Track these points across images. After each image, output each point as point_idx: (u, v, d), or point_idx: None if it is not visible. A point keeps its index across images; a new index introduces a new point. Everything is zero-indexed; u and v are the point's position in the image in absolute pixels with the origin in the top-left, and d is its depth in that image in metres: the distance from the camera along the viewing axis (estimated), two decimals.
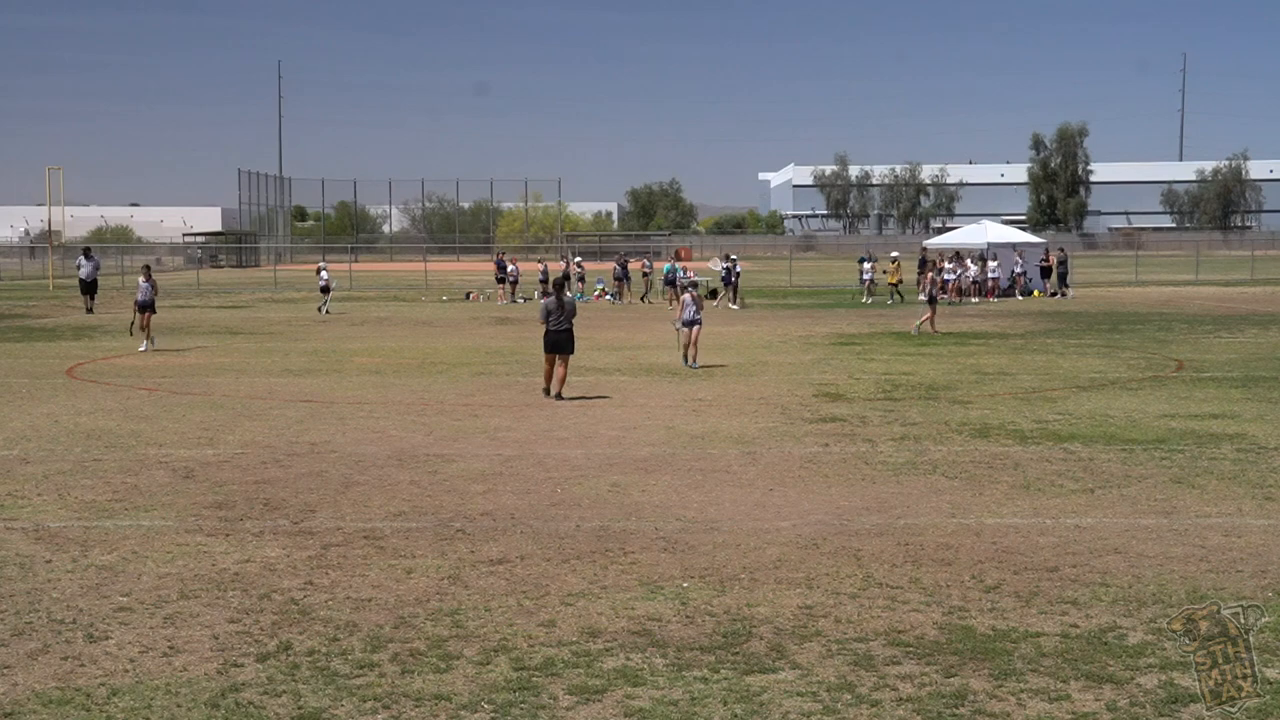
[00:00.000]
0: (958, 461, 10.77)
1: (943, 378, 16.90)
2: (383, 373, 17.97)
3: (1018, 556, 7.71)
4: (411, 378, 17.34)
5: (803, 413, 13.70)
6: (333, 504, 9.28)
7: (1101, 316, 29.39)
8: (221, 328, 27.53)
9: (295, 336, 24.92)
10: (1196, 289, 41.63)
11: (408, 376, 17.49)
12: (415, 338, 24.57)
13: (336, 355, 20.68)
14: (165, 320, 29.89)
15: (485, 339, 24.17)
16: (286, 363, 19.44)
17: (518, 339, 23.83)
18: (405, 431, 12.58)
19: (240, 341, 23.82)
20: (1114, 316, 29.33)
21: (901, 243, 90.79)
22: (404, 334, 25.62)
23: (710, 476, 10.22)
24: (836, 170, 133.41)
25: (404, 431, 12.58)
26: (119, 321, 29.05)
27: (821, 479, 10.10)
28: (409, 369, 18.46)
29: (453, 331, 26.32)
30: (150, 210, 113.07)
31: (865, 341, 22.89)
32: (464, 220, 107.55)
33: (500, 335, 25.18)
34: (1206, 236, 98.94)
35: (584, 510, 9.03)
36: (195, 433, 12.52)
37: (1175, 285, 44.02)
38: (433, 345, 22.62)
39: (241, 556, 7.81)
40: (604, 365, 18.62)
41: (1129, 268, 53.54)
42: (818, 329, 26.02)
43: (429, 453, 11.33)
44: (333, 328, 27.44)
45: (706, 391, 15.58)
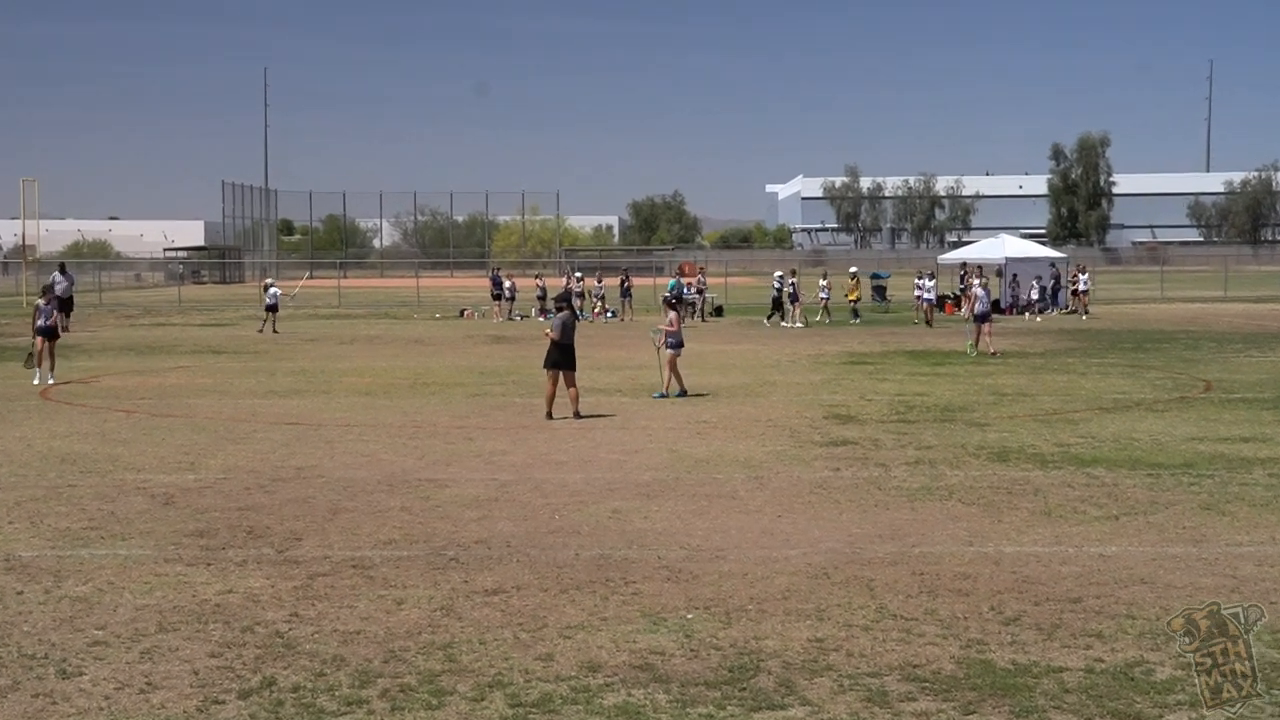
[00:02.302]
0: (975, 487, 10.75)
1: (959, 399, 16.89)
2: (373, 394, 17.98)
3: (1039, 587, 7.69)
4: (403, 399, 17.34)
5: (812, 435, 13.69)
6: (319, 532, 9.26)
7: (1125, 335, 29.39)
8: (204, 347, 27.55)
9: (281, 356, 24.94)
10: (1225, 306, 41.65)
11: (399, 398, 17.50)
12: (407, 357, 24.59)
13: (324, 376, 20.69)
14: (144, 339, 29.96)
15: (480, 358, 24.19)
16: (272, 383, 19.45)
17: (514, 358, 23.84)
18: (396, 455, 12.57)
19: (223, 361, 23.85)
20: (1138, 335, 29.34)
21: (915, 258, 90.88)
22: (395, 353, 25.64)
23: (715, 502, 10.20)
24: (847, 182, 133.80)
25: (395, 455, 12.57)
26: (96, 340, 29.07)
27: (832, 505, 10.08)
28: (400, 390, 18.47)
29: (446, 350, 26.34)
30: (129, 224, 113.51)
31: (877, 361, 22.89)
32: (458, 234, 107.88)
33: (496, 354, 25.19)
34: (1235, 251, 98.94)
35: (583, 538, 9.01)
36: (175, 457, 12.51)
37: (1203, 302, 44.06)
38: (425, 365, 22.64)
39: (223, 587, 7.79)
40: (604, 385, 18.63)
41: (1154, 283, 53.61)
42: (828, 347, 26.03)
43: (421, 477, 11.32)
44: (321, 347, 27.46)
45: (711, 413, 15.57)
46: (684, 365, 21.81)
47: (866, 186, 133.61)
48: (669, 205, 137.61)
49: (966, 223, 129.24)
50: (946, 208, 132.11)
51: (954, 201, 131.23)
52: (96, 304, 46.20)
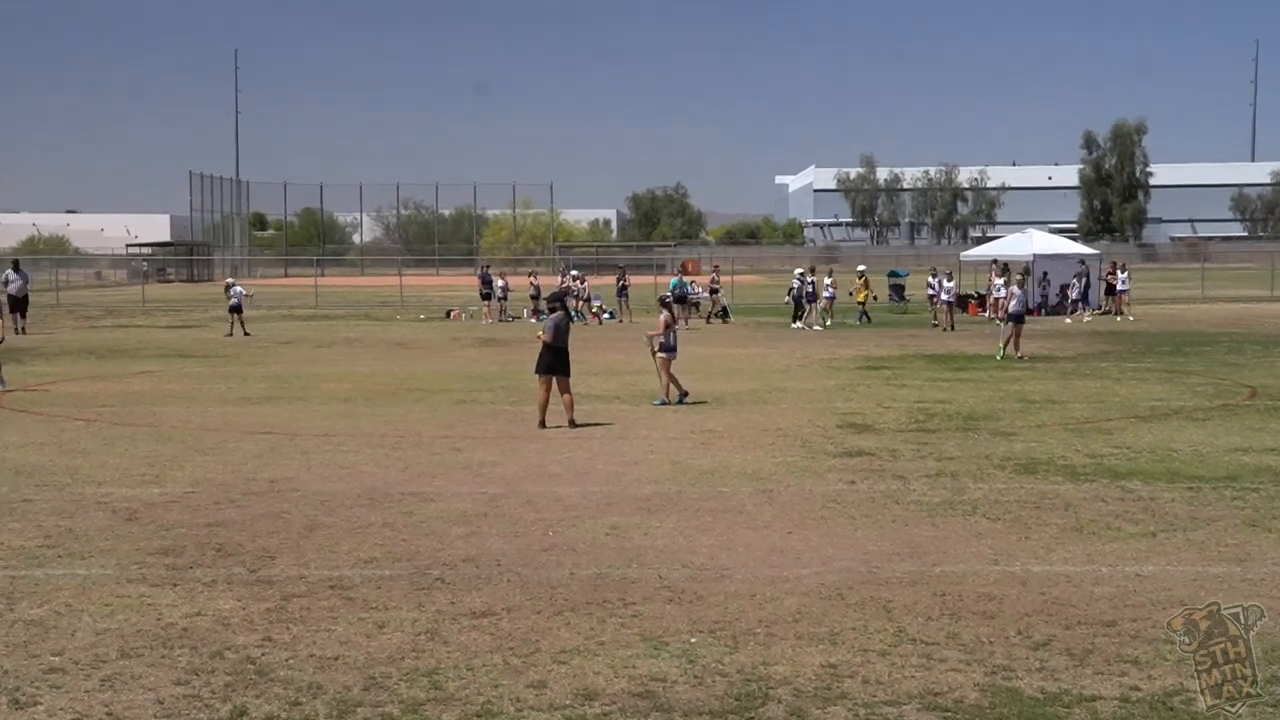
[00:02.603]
0: (1001, 501, 10.76)
1: (983, 406, 16.90)
2: (352, 401, 17.99)
3: (1070, 609, 7.69)
4: (385, 406, 17.35)
5: (825, 446, 13.70)
6: (295, 549, 9.27)
7: (1163, 337, 29.41)
8: (170, 350, 27.57)
9: (253, 360, 24.96)
10: (1271, 305, 41.67)
11: (381, 405, 17.51)
12: (389, 361, 24.61)
13: (300, 381, 20.70)
14: (105, 341, 29.97)
15: (468, 362, 24.21)
16: (243, 390, 19.47)
17: (504, 363, 23.86)
18: (377, 467, 12.57)
19: (191, 366, 23.87)
20: (1177, 337, 29.36)
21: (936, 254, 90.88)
22: (377, 357, 25.66)
23: (721, 518, 10.21)
24: (862, 173, 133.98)
25: (376, 467, 12.57)
26: (53, 342, 29.09)
27: (847, 520, 10.08)
28: (382, 396, 18.48)
29: (431, 354, 26.36)
30: (89, 218, 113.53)
31: (895, 365, 22.91)
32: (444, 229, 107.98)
33: (485, 358, 25.22)
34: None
35: (579, 556, 9.01)
36: (139, 469, 12.52)
37: (1247, 301, 44.08)
38: (409, 370, 22.66)
39: (191, 609, 7.79)
40: (601, 392, 18.64)
41: (1194, 282, 53.65)
42: (842, 351, 26.05)
43: (404, 491, 11.33)
44: (297, 350, 27.48)
45: (717, 422, 15.58)
46: (687, 370, 21.78)
47: (883, 178, 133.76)
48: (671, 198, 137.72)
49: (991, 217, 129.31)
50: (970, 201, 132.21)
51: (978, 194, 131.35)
52: (54, 304, 46.24)
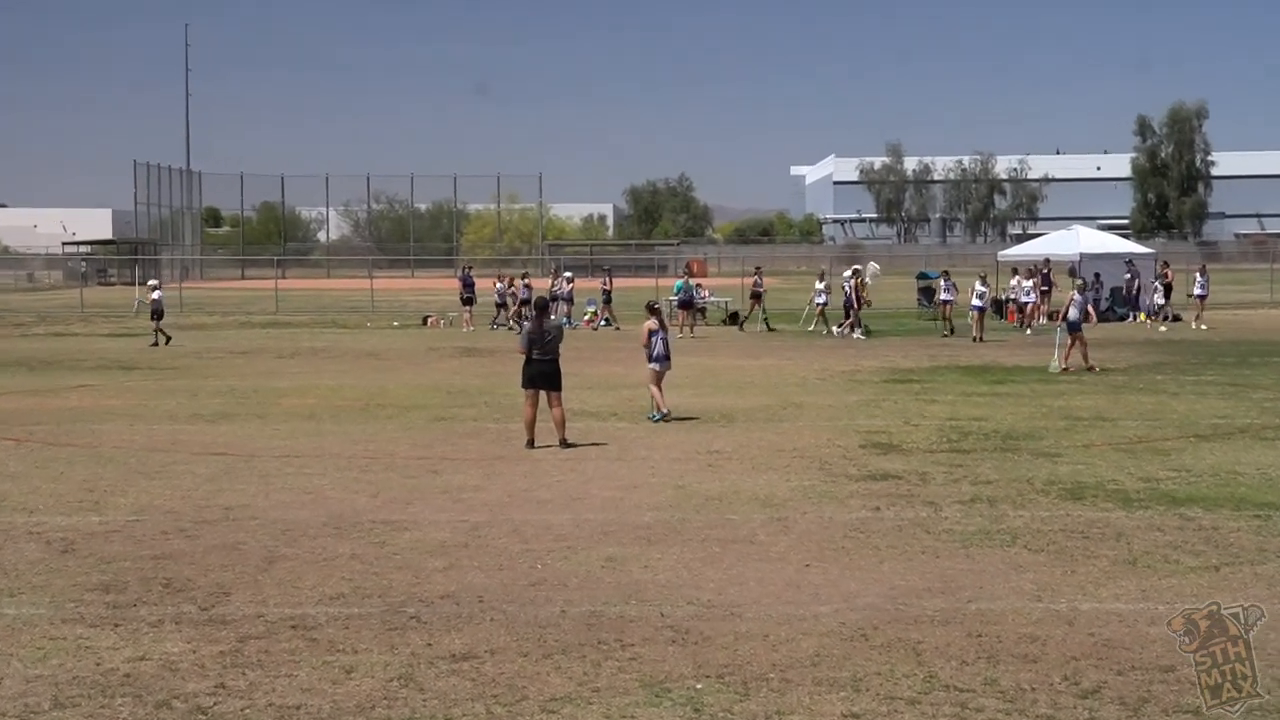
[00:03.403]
0: (1044, 530, 10.75)
1: (1024, 424, 16.91)
2: (317, 418, 18.00)
3: (1122, 652, 7.68)
4: (354, 424, 17.36)
5: (847, 468, 13.70)
6: (252, 584, 9.26)
7: (1226, 346, 29.42)
8: (111, 361, 27.57)
9: (206, 372, 24.97)
10: None
11: (349, 422, 17.51)
12: (359, 373, 24.61)
13: (259, 396, 20.71)
14: (39, 351, 29.98)
15: (447, 375, 24.22)
16: (195, 405, 19.47)
17: (488, 375, 23.86)
18: (345, 492, 12.57)
19: (136, 379, 23.86)
20: (1242, 346, 29.37)
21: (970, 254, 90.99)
22: (344, 369, 25.67)
23: (730, 548, 10.20)
24: (888, 163, 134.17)
25: (344, 492, 12.57)
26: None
27: (871, 551, 10.08)
28: (350, 413, 18.49)
29: (406, 366, 26.36)
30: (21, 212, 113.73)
31: (925, 378, 22.92)
32: (421, 226, 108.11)
33: (466, 370, 25.22)
34: None
35: (571, 591, 9.01)
36: (77, 495, 12.51)
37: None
38: (381, 383, 22.66)
39: (134, 653, 7.77)
40: (596, 408, 18.64)
41: (1262, 284, 53.69)
42: (865, 362, 26.06)
43: (375, 519, 11.32)
44: (255, 361, 27.49)
45: (725, 441, 15.58)
46: (692, 384, 21.75)
47: (911, 168, 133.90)
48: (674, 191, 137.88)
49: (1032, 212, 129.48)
50: (1008, 194, 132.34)
51: (1017, 186, 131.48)
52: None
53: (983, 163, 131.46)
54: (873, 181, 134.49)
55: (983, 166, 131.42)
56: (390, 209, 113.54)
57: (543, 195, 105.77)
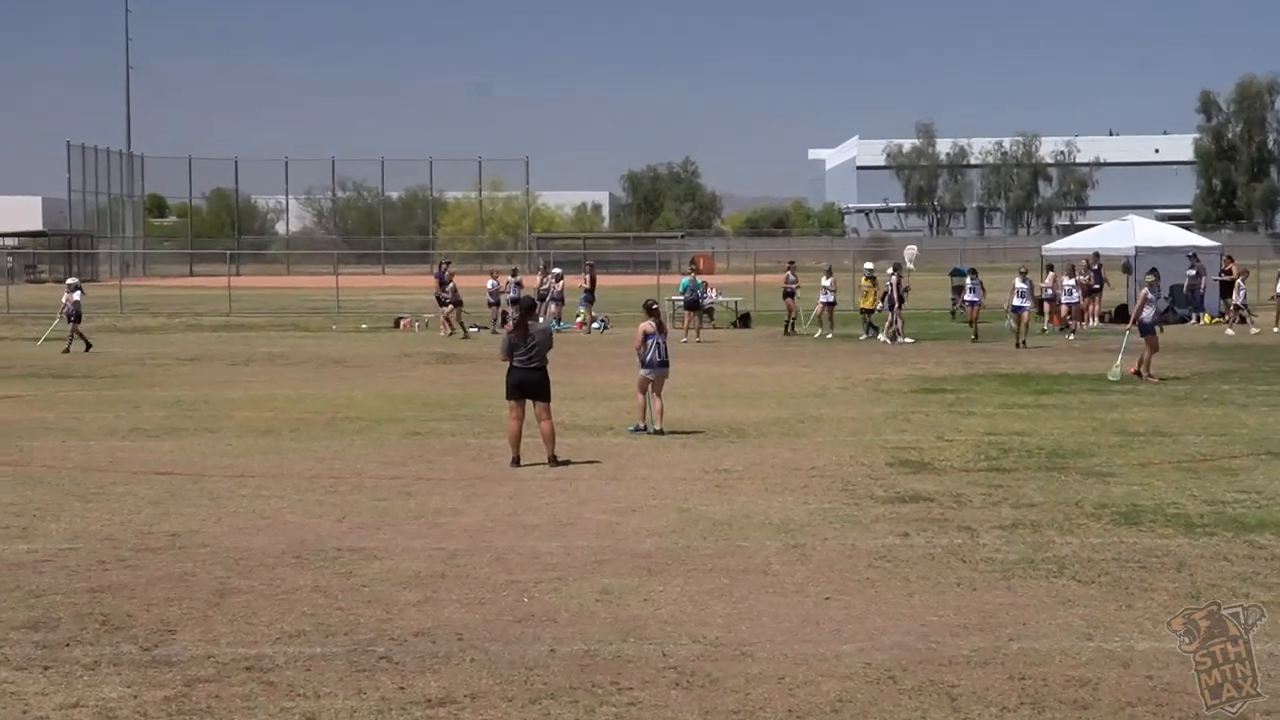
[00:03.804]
0: (1095, 559, 10.74)
1: (1072, 439, 16.91)
2: (275, 433, 17.99)
3: (1184, 697, 7.66)
4: (316, 440, 17.35)
5: (872, 489, 13.70)
6: (201, 621, 9.24)
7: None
8: (42, 368, 27.56)
9: (150, 381, 24.96)
10: None
11: (311, 438, 17.50)
12: (322, 382, 24.61)
13: (209, 408, 20.71)
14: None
15: (422, 384, 24.21)
16: (137, 418, 19.47)
17: (468, 385, 23.86)
18: (307, 516, 12.56)
19: (70, 388, 23.85)
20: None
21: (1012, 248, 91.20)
22: (306, 377, 25.66)
23: (741, 579, 10.20)
24: (918, 146, 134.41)
25: (305, 516, 12.56)
26: None
27: (899, 583, 10.07)
28: (313, 428, 18.48)
29: (376, 374, 26.36)
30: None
31: (960, 387, 22.93)
32: (393, 217, 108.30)
33: (444, 379, 25.22)
34: None
35: (561, 628, 9.00)
36: (2, 520, 12.49)
37: None
38: (347, 393, 22.66)
39: (67, 699, 7.76)
40: (590, 421, 18.64)
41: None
42: (892, 370, 26.06)
43: (341, 546, 11.31)
44: (205, 368, 27.48)
45: (735, 459, 15.58)
46: (697, 394, 21.74)
47: (945, 152, 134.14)
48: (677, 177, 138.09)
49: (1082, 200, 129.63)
50: (1054, 180, 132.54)
51: (1065, 171, 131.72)
52: None
53: (1026, 145, 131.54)
54: (901, 166, 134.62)
55: (1026, 149, 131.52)
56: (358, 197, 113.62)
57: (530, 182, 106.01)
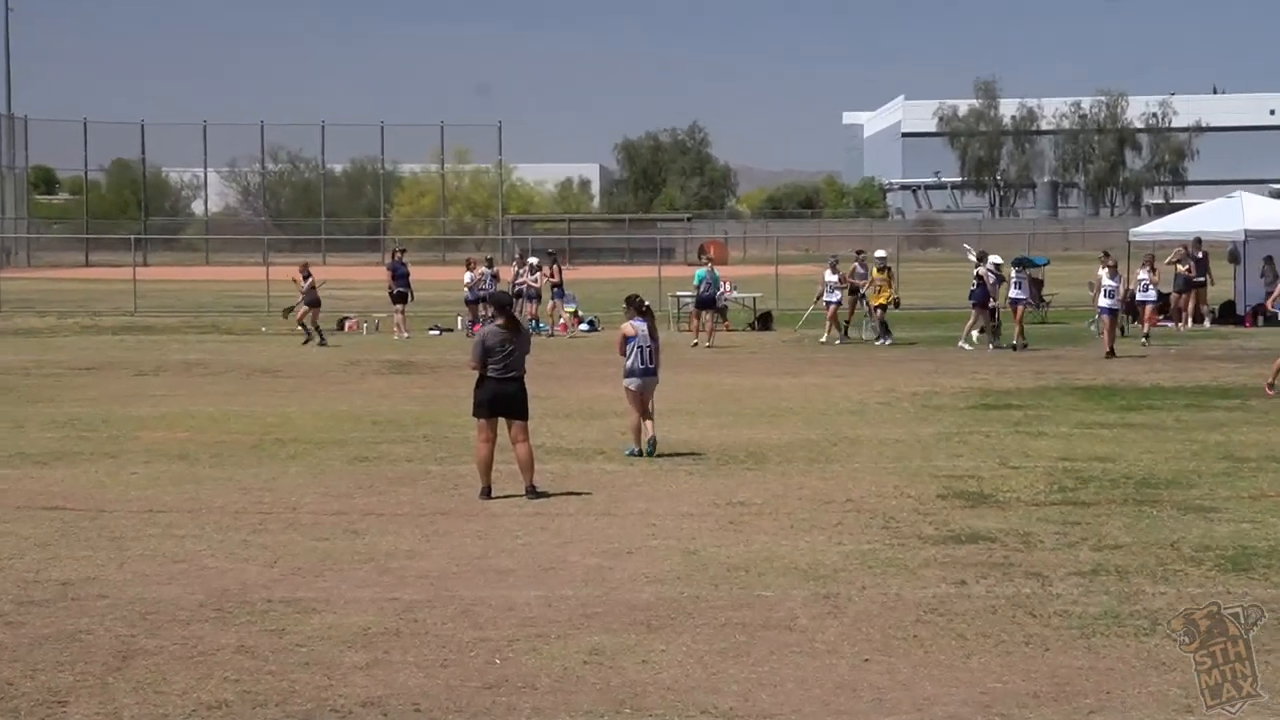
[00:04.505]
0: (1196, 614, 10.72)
1: (1166, 466, 16.91)
2: (192, 458, 17.96)
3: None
4: (242, 467, 17.33)
5: (920, 526, 13.69)
6: (99, 689, 9.23)
7: None
8: None
9: (36, 395, 24.92)
10: None
11: (236, 465, 17.48)
12: (250, 397, 24.58)
13: (110, 428, 20.68)
14: None
15: (373, 399, 24.19)
16: (21, 441, 19.44)
17: (428, 399, 23.84)
18: (231, 560, 12.54)
19: None
20: None
21: (1092, 232, 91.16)
22: (230, 390, 25.63)
23: (760, 637, 10.20)
24: (977, 108, 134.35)
25: (228, 560, 12.54)
26: None
27: (954, 641, 10.07)
28: (239, 452, 18.46)
29: (316, 386, 26.34)
30: None
31: (1029, 402, 22.92)
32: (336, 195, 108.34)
33: (399, 392, 25.19)
34: None
35: (541, 696, 9.00)
36: None
37: None
38: (281, 410, 22.63)
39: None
40: (576, 444, 18.63)
41: None
42: (945, 380, 26.06)
43: (272, 597, 11.30)
44: (106, 379, 27.43)
45: (753, 489, 15.57)
46: (708, 411, 21.73)
47: (1010, 115, 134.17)
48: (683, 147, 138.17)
49: (1179, 173, 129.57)
50: (1145, 149, 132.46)
51: (1158, 138, 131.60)
52: None
53: (1109, 106, 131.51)
54: (956, 133, 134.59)
55: (1109, 111, 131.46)
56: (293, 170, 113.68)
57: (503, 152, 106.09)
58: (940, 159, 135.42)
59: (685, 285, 39.79)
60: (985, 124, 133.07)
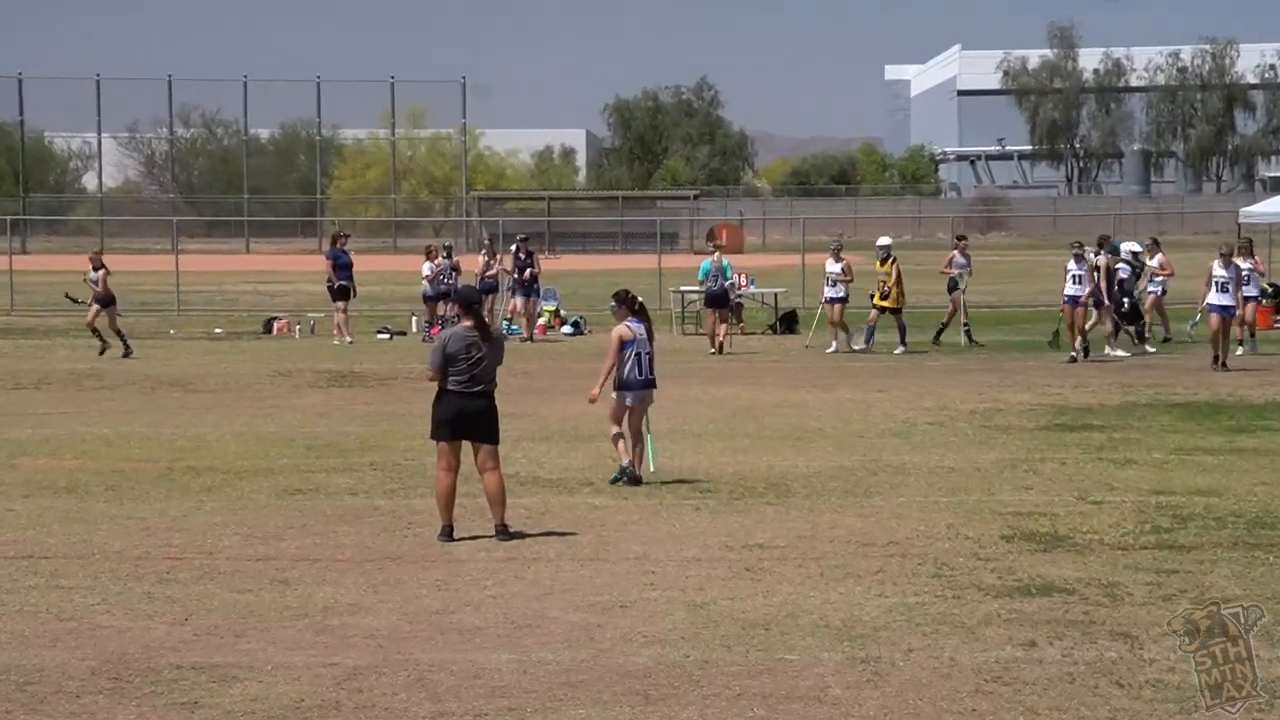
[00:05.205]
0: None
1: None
2: (83, 490, 17.96)
3: None
4: (146, 501, 17.33)
5: (980, 575, 13.71)
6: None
7: None
8: None
9: None
10: None
11: (138, 499, 17.48)
12: (156, 415, 24.59)
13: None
14: None
15: (307, 417, 24.20)
16: None
17: (375, 417, 23.86)
18: (131, 618, 12.54)
19: None
20: None
21: (1193, 212, 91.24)
22: (131, 407, 25.64)
23: (783, 711, 10.23)
24: (1051, 60, 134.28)
25: (128, 618, 12.54)
26: None
27: (1023, 717, 10.10)
28: (141, 483, 18.46)
29: (238, 402, 26.35)
30: None
31: (1113, 422, 22.95)
32: (262, 166, 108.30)
33: (340, 409, 25.21)
34: None
35: None
36: None
37: None
38: (194, 431, 22.65)
39: None
40: (557, 472, 18.64)
41: None
42: (1010, 395, 26.09)
43: (182, 663, 11.31)
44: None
45: (774, 528, 15.60)
46: (721, 432, 21.79)
47: (1092, 68, 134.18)
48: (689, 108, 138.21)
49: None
50: (1260, 110, 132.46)
51: (1275, 96, 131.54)
52: None
53: (1215, 57, 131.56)
54: (1025, 91, 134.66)
55: (1215, 63, 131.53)
56: (208, 136, 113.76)
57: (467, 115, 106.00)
58: (1005, 123, 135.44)
59: (691, 278, 39.87)
60: (1060, 79, 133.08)
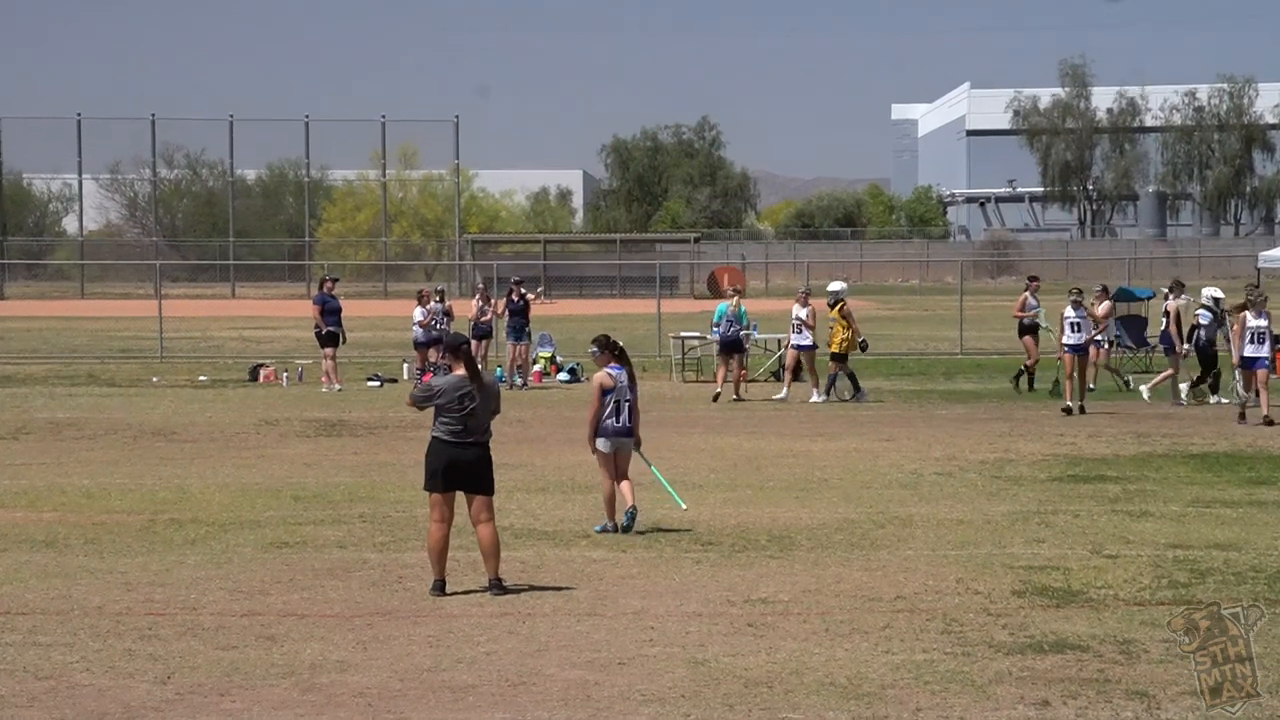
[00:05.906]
0: None
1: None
2: (61, 544, 17.95)
3: None
4: (127, 555, 17.31)
5: (991, 631, 13.71)
6: None
7: None
8: None
9: None
10: None
11: (119, 553, 17.46)
12: (137, 465, 24.57)
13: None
14: None
15: (295, 468, 24.18)
16: None
17: (365, 468, 23.85)
18: (111, 676, 12.53)
19: None
20: None
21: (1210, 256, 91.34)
22: (112, 458, 25.62)
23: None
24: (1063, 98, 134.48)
25: (108, 676, 12.53)
26: None
27: None
28: (122, 536, 18.44)
29: (221, 452, 26.34)
30: None
31: (1130, 473, 22.94)
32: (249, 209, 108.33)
33: (328, 460, 25.20)
34: None
35: None
36: None
37: None
38: (178, 482, 22.63)
39: None
40: (553, 524, 18.63)
41: None
42: (1021, 444, 26.10)
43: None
44: None
45: (778, 583, 15.61)
46: (721, 482, 21.81)
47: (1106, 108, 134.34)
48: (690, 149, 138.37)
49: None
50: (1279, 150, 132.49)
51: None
52: None
53: (1232, 96, 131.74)
54: (1037, 131, 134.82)
55: (1233, 103, 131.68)
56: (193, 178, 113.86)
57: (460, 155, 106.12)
58: (1015, 163, 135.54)
59: (689, 323, 39.98)
60: (1073, 119, 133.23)
